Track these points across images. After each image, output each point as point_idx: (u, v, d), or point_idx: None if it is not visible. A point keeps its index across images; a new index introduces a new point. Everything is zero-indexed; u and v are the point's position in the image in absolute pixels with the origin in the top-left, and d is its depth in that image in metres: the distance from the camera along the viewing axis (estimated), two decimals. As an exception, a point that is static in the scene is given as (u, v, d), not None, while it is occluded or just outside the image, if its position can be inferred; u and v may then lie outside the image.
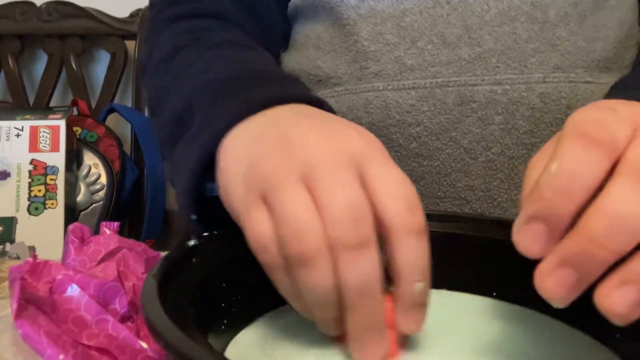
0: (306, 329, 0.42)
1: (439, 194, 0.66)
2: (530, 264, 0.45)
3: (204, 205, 0.50)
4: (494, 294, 0.49)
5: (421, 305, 0.37)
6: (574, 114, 0.35)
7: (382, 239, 0.37)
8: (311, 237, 0.35)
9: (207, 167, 0.46)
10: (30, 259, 0.46)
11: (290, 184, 0.37)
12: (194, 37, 0.63)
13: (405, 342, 0.40)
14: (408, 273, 0.36)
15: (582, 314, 0.38)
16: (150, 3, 0.74)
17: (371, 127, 0.66)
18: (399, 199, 0.36)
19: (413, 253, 0.36)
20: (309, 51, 0.72)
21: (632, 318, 0.32)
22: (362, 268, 0.35)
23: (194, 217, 0.48)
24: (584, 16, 0.65)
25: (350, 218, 0.35)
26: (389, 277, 0.37)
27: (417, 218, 0.36)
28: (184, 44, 0.62)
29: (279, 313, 0.46)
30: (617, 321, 0.32)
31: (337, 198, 0.35)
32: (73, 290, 0.45)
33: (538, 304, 0.44)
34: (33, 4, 1.53)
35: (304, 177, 0.37)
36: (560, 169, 0.32)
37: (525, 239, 0.34)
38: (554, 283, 0.33)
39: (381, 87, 0.66)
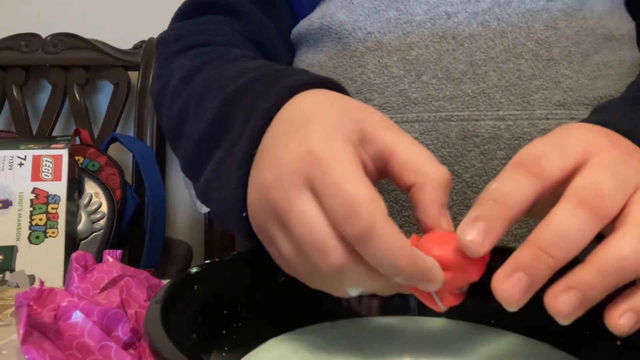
0: (306, 356, 0.43)
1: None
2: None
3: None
4: (492, 322, 0.49)
5: None
6: (524, 147, 0.41)
7: None
8: None
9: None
10: (36, 286, 0.46)
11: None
12: (210, 57, 0.65)
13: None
14: None
15: (579, 342, 0.39)
16: (157, 40, 0.75)
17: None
18: None
19: None
20: (311, 80, 0.73)
21: (573, 318, 0.36)
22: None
23: (244, 214, 0.48)
24: (586, 55, 0.66)
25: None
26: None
27: None
28: (202, 64, 0.64)
29: (279, 340, 0.47)
30: (562, 320, 0.36)
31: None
32: (77, 317, 0.45)
33: (536, 331, 0.44)
34: (38, 36, 1.55)
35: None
36: (497, 187, 0.40)
37: (470, 232, 0.40)
38: (508, 287, 0.37)
39: None
